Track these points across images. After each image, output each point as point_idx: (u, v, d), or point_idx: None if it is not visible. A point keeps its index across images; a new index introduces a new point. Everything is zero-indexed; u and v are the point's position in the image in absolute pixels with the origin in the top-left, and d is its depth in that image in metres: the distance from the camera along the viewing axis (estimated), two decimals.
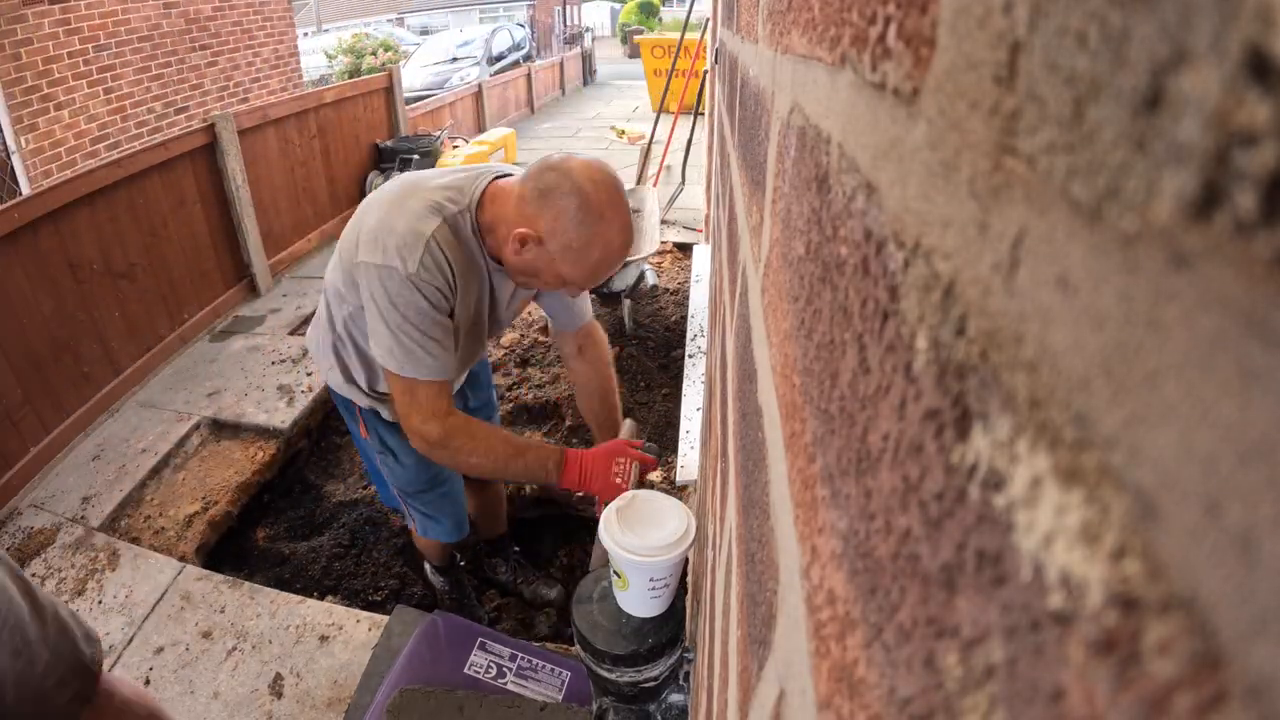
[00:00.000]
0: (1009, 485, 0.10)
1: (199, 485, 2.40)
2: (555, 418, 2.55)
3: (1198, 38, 0.07)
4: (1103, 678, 0.08)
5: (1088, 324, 0.09)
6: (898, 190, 0.16)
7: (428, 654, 1.48)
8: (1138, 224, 0.08)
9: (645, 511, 0.84)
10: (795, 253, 0.30)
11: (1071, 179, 0.09)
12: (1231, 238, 0.06)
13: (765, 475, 0.35)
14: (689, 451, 2.05)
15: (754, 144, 0.56)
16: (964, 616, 0.11)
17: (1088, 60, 0.09)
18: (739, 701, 0.38)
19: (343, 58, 10.42)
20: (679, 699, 0.94)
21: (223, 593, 1.92)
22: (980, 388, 0.12)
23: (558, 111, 9.36)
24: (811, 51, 0.28)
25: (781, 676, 0.27)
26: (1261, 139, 0.06)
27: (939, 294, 0.14)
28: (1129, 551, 0.08)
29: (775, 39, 0.42)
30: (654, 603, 0.85)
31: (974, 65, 0.12)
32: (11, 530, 2.18)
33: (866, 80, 0.19)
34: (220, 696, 1.64)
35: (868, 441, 0.18)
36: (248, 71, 5.99)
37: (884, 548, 0.16)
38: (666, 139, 5.22)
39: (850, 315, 0.20)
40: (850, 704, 0.17)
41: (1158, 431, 0.07)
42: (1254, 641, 0.06)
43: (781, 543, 0.29)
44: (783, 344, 0.33)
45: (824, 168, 0.25)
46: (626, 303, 2.92)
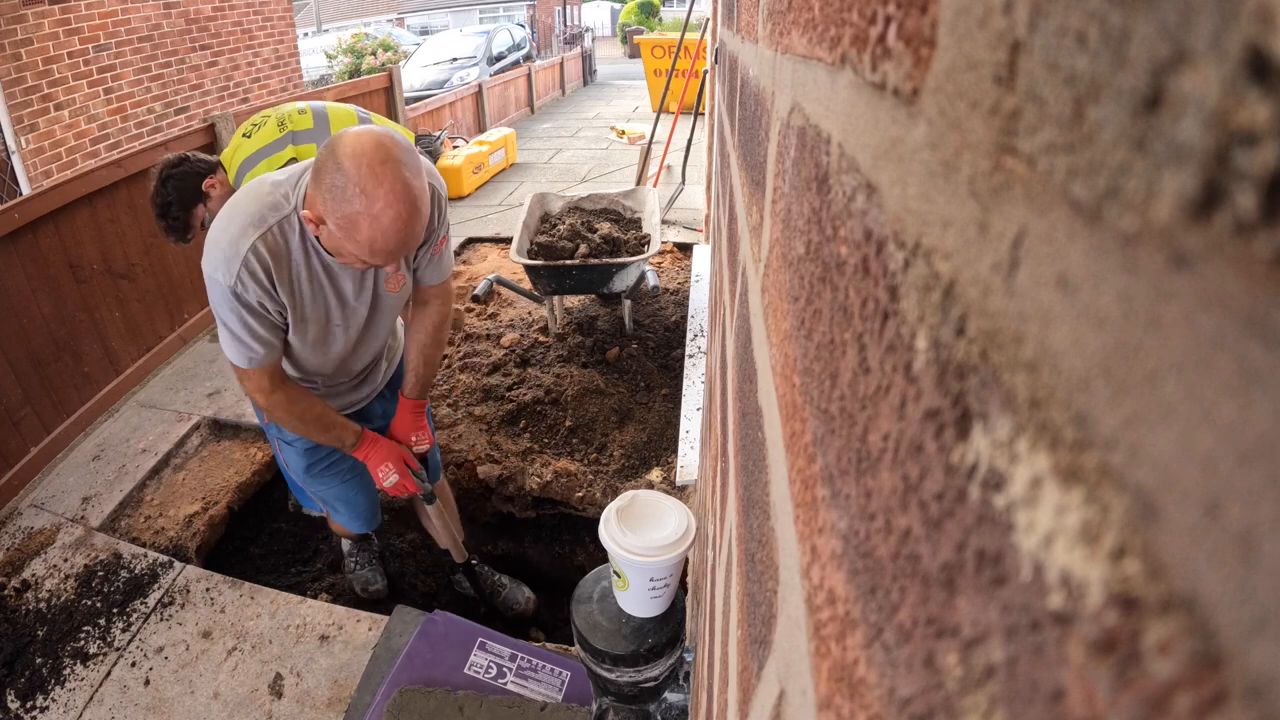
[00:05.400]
0: (1009, 485, 0.10)
1: (199, 485, 2.39)
2: (555, 417, 2.55)
3: (1198, 38, 0.07)
4: (1103, 678, 0.08)
5: (1088, 324, 0.09)
6: (898, 190, 0.16)
7: (428, 654, 1.48)
8: (1138, 224, 0.08)
9: (645, 511, 0.84)
10: (795, 253, 0.30)
11: (1071, 179, 0.09)
12: (1231, 238, 0.06)
13: (765, 475, 0.35)
14: (689, 451, 2.05)
15: (754, 144, 0.56)
16: (964, 616, 0.11)
17: (1088, 60, 0.09)
18: (739, 701, 0.38)
19: (343, 58, 10.43)
20: (679, 699, 0.94)
21: (223, 593, 1.92)
22: (980, 388, 0.12)
23: (558, 111, 9.36)
24: (811, 51, 0.28)
25: (781, 676, 0.27)
26: (1261, 139, 0.06)
27: (939, 294, 0.14)
28: (1129, 551, 0.08)
29: (775, 39, 0.42)
30: (654, 603, 0.85)
31: (974, 65, 0.12)
32: (11, 530, 2.18)
33: (866, 80, 0.19)
34: (220, 696, 1.64)
35: (868, 441, 0.18)
36: (248, 72, 5.99)
37: (884, 548, 0.16)
38: (666, 139, 5.22)
39: (850, 315, 0.20)
40: (850, 704, 0.17)
41: (1158, 431, 0.07)
42: (1254, 641, 0.06)
43: (782, 543, 0.29)
44: (783, 344, 0.33)
45: (824, 168, 0.25)
46: (627, 303, 2.92)
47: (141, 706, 1.64)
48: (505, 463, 2.39)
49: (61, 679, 1.71)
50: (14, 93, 4.06)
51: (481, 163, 5.56)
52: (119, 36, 4.75)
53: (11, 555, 2.08)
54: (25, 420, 2.41)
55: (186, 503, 2.31)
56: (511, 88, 8.44)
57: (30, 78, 4.15)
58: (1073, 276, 0.09)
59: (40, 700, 1.67)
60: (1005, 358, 0.11)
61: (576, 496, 2.28)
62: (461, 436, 2.51)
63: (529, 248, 2.82)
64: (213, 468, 2.47)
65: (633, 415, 2.55)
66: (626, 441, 2.43)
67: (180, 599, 1.91)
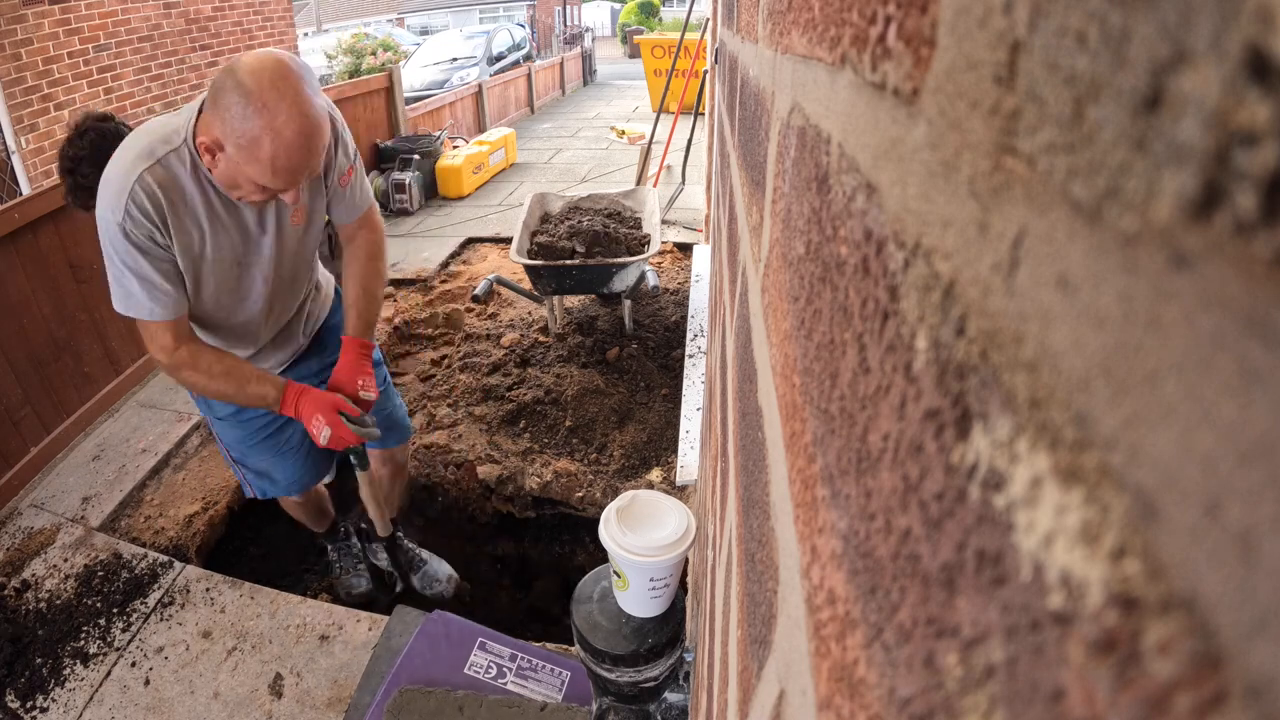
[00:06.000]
0: (1009, 485, 0.10)
1: (199, 485, 2.39)
2: (555, 417, 2.55)
3: (1198, 38, 0.07)
4: (1103, 678, 0.08)
5: (1088, 324, 0.09)
6: (898, 190, 0.16)
7: (428, 654, 1.48)
8: (1138, 224, 0.08)
9: (645, 511, 0.84)
10: (795, 253, 0.30)
11: (1071, 179, 0.09)
12: (1231, 238, 0.06)
13: (765, 475, 0.35)
14: (689, 451, 2.05)
15: (754, 144, 0.56)
16: (964, 616, 0.11)
17: (1088, 60, 0.09)
18: (739, 701, 0.38)
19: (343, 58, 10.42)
20: (679, 699, 0.94)
21: (223, 592, 1.92)
22: (980, 388, 0.12)
23: (558, 111, 9.36)
24: (811, 51, 0.28)
25: (781, 676, 0.27)
26: (1261, 139, 0.06)
27: (939, 294, 0.14)
28: (1129, 551, 0.08)
29: (775, 39, 0.42)
30: (654, 603, 0.85)
31: (974, 65, 0.12)
32: (11, 530, 2.18)
33: (866, 80, 0.19)
34: (220, 696, 1.64)
35: (868, 441, 0.18)
36: None
37: (884, 548, 0.16)
38: (666, 139, 5.22)
39: (850, 315, 0.20)
40: (850, 704, 0.17)
41: (1158, 431, 0.07)
42: (1254, 641, 0.06)
43: (782, 543, 0.29)
44: (783, 344, 0.33)
45: (824, 168, 0.25)
46: (627, 303, 2.92)
47: (141, 706, 1.64)
48: (505, 463, 2.39)
49: (61, 679, 1.72)
50: (14, 93, 4.06)
51: (481, 163, 5.56)
52: (119, 36, 4.75)
53: (11, 555, 2.08)
54: (25, 420, 2.41)
55: (186, 503, 2.31)
56: (511, 88, 8.44)
57: (30, 78, 4.15)
58: (1073, 276, 0.09)
59: (40, 700, 1.67)
60: (1005, 358, 0.11)
61: (576, 496, 2.28)
62: (461, 436, 2.51)
63: (529, 248, 2.82)
64: (213, 468, 2.47)
65: (633, 415, 2.55)
66: (626, 441, 2.43)
67: (180, 599, 1.91)
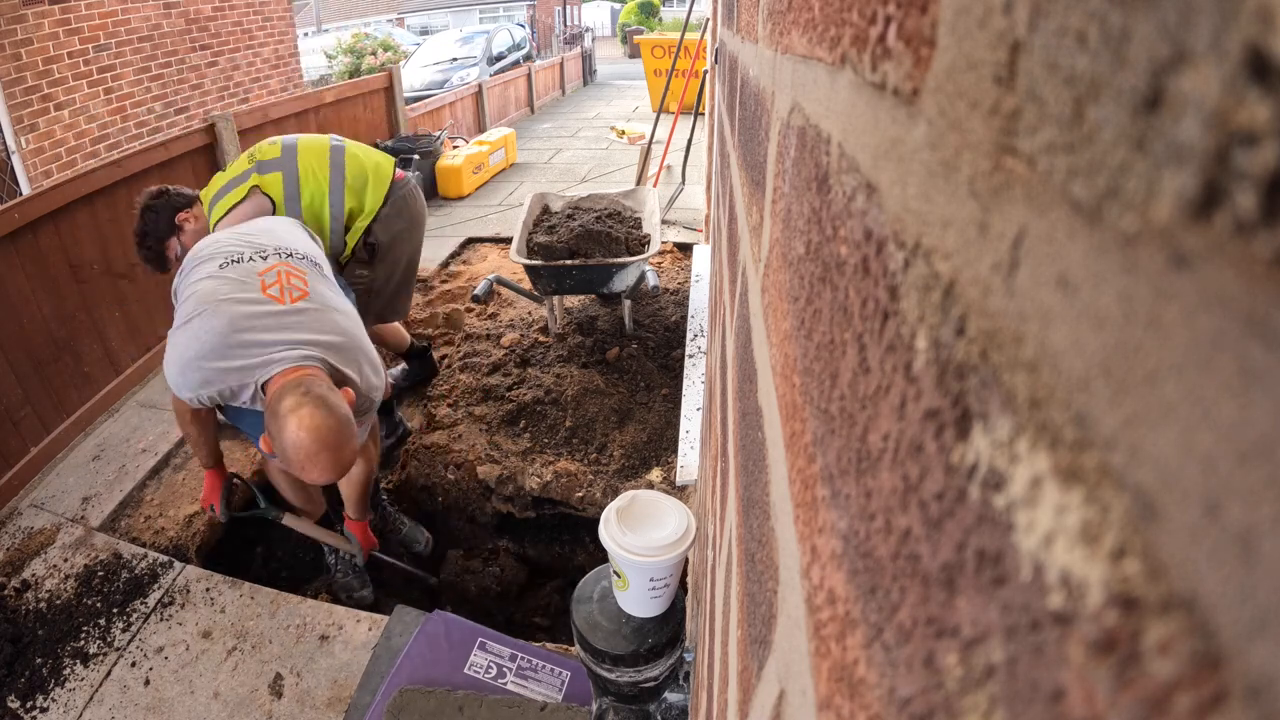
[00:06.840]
0: (1009, 485, 0.10)
1: (199, 485, 2.39)
2: (555, 417, 2.55)
3: (1198, 38, 0.07)
4: (1103, 678, 0.08)
5: (1088, 324, 0.09)
6: (898, 190, 0.16)
7: (428, 654, 1.48)
8: (1138, 224, 0.08)
9: (645, 511, 0.84)
10: (795, 253, 0.30)
11: (1071, 179, 0.09)
12: (1231, 238, 0.06)
13: (765, 475, 0.35)
14: (689, 451, 2.05)
15: (754, 144, 0.56)
16: (964, 616, 0.11)
17: (1088, 60, 0.09)
18: (739, 701, 0.38)
19: (343, 58, 10.42)
20: (679, 699, 0.94)
21: (223, 592, 1.92)
22: (980, 388, 0.12)
23: (558, 111, 9.36)
24: (811, 51, 0.28)
25: (781, 676, 0.27)
26: (1261, 139, 0.06)
27: (939, 294, 0.14)
28: (1129, 551, 0.08)
29: (775, 39, 0.42)
30: (654, 603, 0.85)
31: (974, 65, 0.12)
32: (11, 530, 2.18)
33: (866, 80, 0.19)
34: (220, 696, 1.64)
35: (868, 441, 0.18)
36: (248, 72, 5.99)
37: (884, 548, 0.16)
38: (666, 139, 5.21)
39: (850, 315, 0.20)
40: (850, 704, 0.17)
41: (1158, 431, 0.07)
42: (1254, 641, 0.06)
43: (782, 543, 0.29)
44: (783, 344, 0.33)
45: (824, 168, 0.25)
46: (627, 303, 2.92)
47: (141, 706, 1.64)
48: (505, 462, 2.39)
49: (61, 679, 1.71)
50: (14, 93, 4.06)
51: (481, 163, 5.56)
52: (119, 36, 4.75)
53: (11, 555, 2.08)
54: (25, 420, 2.41)
55: (186, 503, 2.31)
56: (511, 88, 8.43)
57: (30, 78, 4.15)
58: (1073, 276, 0.09)
59: (40, 700, 1.67)
60: (1005, 358, 0.11)
61: (576, 496, 2.28)
62: (461, 436, 2.51)
63: (529, 248, 2.82)
64: None
65: (633, 415, 2.55)
66: (626, 441, 2.43)
67: (180, 599, 1.91)
